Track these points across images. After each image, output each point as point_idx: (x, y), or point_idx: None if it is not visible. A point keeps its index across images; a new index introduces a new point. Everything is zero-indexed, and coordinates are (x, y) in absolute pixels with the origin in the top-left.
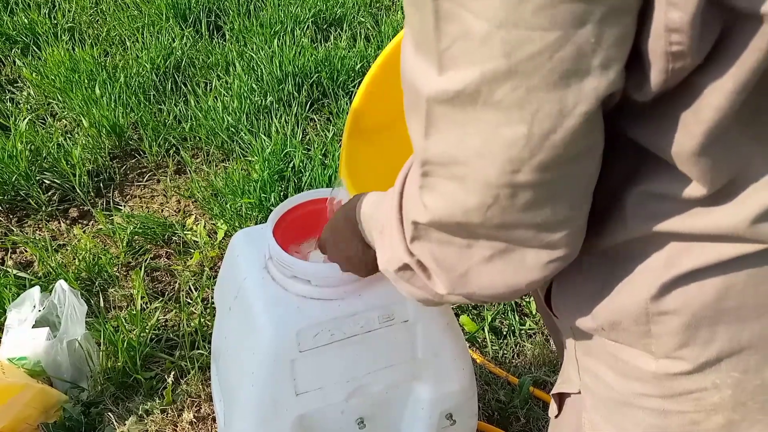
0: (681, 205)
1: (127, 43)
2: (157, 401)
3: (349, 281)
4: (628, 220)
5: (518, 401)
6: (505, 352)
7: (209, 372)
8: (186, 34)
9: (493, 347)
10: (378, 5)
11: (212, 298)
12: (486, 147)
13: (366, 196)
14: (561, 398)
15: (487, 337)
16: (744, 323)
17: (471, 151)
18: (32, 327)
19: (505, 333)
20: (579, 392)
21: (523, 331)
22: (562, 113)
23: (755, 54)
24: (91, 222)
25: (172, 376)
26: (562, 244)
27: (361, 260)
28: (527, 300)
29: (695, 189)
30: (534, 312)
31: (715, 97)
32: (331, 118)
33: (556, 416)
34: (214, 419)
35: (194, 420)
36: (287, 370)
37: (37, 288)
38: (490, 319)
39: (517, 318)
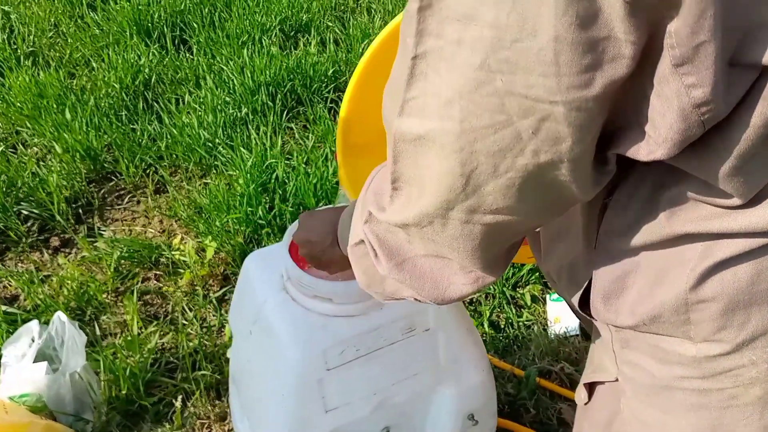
0: (715, 210)
1: (93, 63)
2: (167, 426)
3: (370, 296)
4: (662, 222)
5: (526, 393)
6: (506, 345)
7: (214, 392)
8: (152, 50)
9: (495, 342)
10: (343, 8)
11: (208, 316)
12: (431, 186)
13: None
14: (591, 387)
15: (487, 331)
16: None
17: (421, 184)
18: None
19: (503, 326)
20: (616, 380)
21: (521, 323)
22: (495, 174)
23: None
24: (74, 250)
25: (180, 399)
26: (476, 275)
27: (322, 251)
28: (522, 292)
29: (730, 200)
30: (530, 303)
31: (745, 132)
32: (308, 126)
33: (586, 403)
34: None
35: None
36: (315, 389)
37: (35, 322)
38: (488, 314)
39: (513, 310)
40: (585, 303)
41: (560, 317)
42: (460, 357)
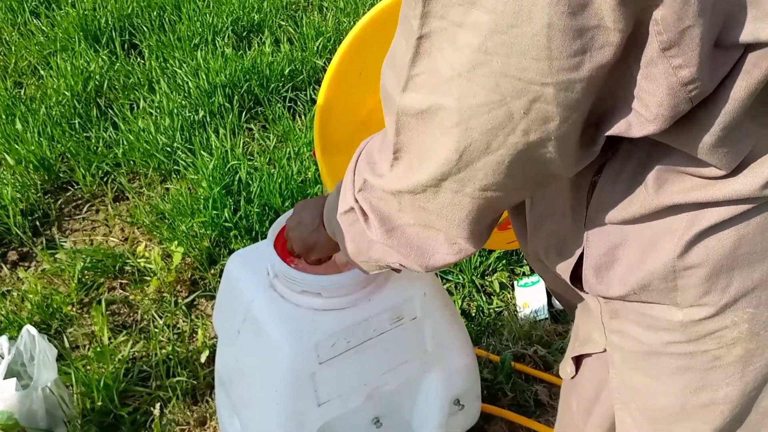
0: (700, 181)
1: (41, 71)
2: None
3: (359, 288)
4: (650, 195)
5: (502, 377)
6: (479, 332)
7: (190, 398)
8: (101, 56)
9: (468, 330)
10: (295, 7)
11: (179, 323)
12: (428, 158)
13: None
14: (578, 360)
15: None
16: (754, 265)
17: (421, 155)
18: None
19: (474, 314)
20: (604, 351)
21: (491, 310)
22: (487, 151)
23: (761, 70)
24: (33, 263)
25: (158, 407)
26: (459, 246)
27: (309, 232)
28: (490, 280)
29: (714, 171)
30: (498, 290)
31: (730, 104)
32: (267, 126)
33: (573, 377)
34: None
35: None
36: (309, 382)
37: (4, 337)
38: (459, 303)
39: (483, 298)
40: (575, 278)
41: (528, 302)
42: (446, 342)
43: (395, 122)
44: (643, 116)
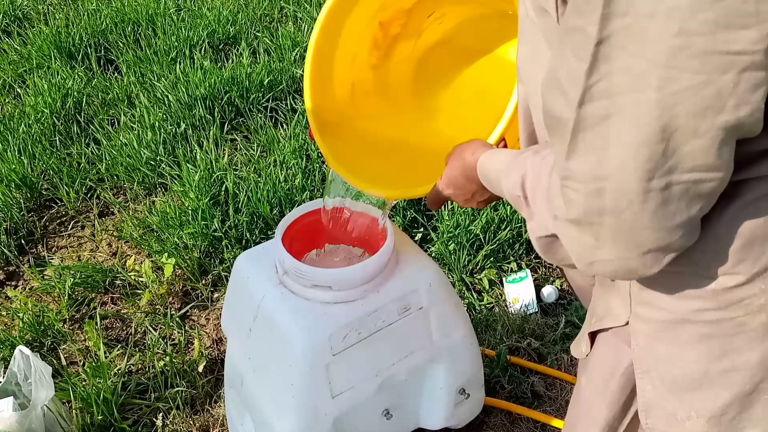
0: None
1: (17, 89)
2: None
3: (367, 280)
4: None
5: (499, 370)
6: (473, 328)
7: (189, 408)
8: (77, 72)
9: None
10: (269, 19)
11: (173, 334)
12: (627, 162)
13: (480, 159)
14: (592, 336)
15: None
16: None
17: (612, 168)
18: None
19: (466, 312)
20: (625, 324)
21: (483, 307)
22: (695, 134)
23: None
24: (21, 282)
25: (160, 418)
26: (676, 243)
27: (489, 201)
28: (479, 277)
29: None
30: (488, 287)
31: None
32: (249, 136)
33: (587, 355)
34: None
35: None
36: (323, 374)
37: None
38: None
39: (474, 295)
40: None
41: (518, 297)
42: (450, 331)
43: (567, 144)
44: None
